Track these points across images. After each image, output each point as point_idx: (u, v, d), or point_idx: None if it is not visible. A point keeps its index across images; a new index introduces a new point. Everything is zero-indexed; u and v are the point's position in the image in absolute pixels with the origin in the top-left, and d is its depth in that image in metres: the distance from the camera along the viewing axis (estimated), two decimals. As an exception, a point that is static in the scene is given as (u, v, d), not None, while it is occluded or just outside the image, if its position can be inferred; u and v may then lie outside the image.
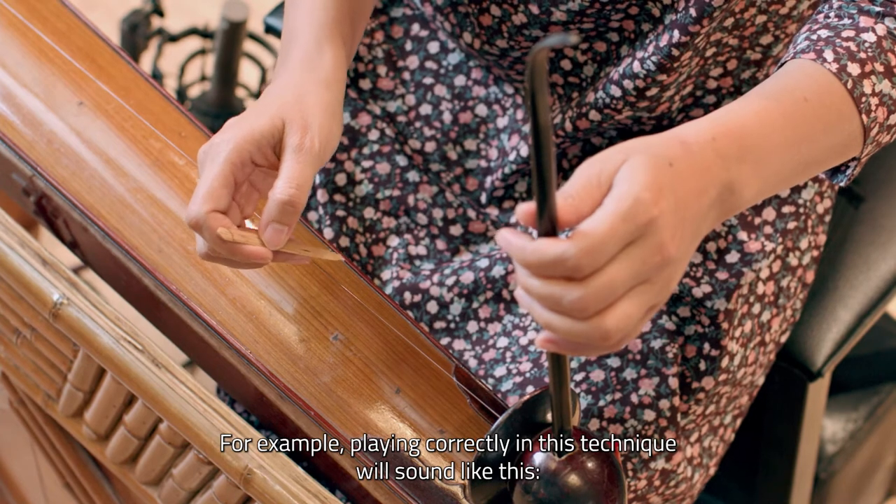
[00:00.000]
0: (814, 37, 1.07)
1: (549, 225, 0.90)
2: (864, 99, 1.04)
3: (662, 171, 0.93)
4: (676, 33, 1.18)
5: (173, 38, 2.00)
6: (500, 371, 1.27)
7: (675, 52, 1.19)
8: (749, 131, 0.99)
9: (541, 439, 1.03)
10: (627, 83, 1.22)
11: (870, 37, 1.06)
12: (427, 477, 1.10)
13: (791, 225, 1.32)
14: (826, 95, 1.03)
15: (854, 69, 1.04)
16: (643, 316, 0.95)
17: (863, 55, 1.05)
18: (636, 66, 1.21)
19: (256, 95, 2.03)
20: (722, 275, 1.29)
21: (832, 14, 1.09)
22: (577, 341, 0.93)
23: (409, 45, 1.35)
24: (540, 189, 0.89)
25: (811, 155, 1.03)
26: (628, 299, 0.92)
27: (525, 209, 0.91)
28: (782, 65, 1.07)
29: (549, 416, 1.05)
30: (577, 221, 0.92)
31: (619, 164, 0.93)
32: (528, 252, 0.91)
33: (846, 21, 1.07)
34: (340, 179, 1.33)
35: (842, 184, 1.10)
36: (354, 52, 1.20)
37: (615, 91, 1.23)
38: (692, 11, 1.16)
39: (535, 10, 1.21)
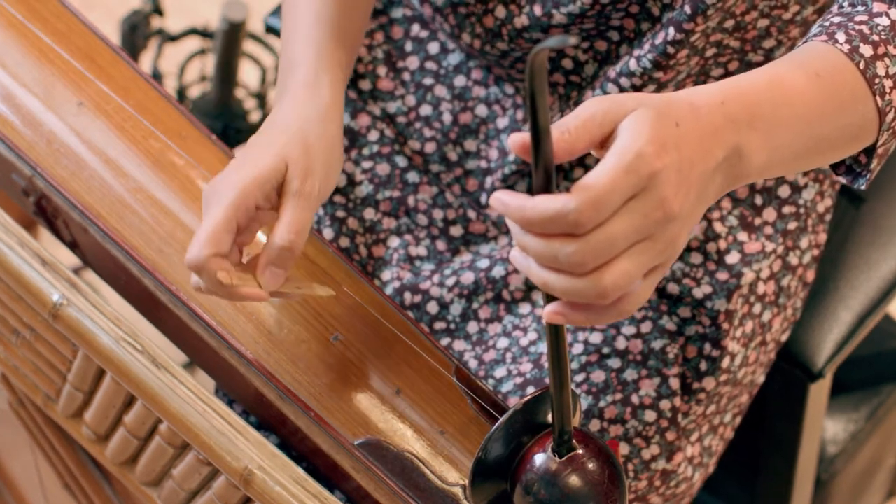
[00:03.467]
0: (826, 23, 1.06)
1: (543, 182, 0.89)
2: (877, 80, 1.03)
3: (668, 128, 0.92)
4: (672, 31, 1.18)
5: (173, 38, 2.00)
6: (500, 372, 1.27)
7: (671, 50, 1.19)
8: (760, 99, 0.98)
9: (542, 440, 1.03)
10: (624, 81, 1.22)
11: (883, 20, 1.05)
12: (427, 477, 1.10)
13: (792, 226, 1.32)
14: (839, 74, 1.02)
15: (867, 50, 1.03)
16: (646, 277, 0.93)
17: (875, 38, 1.04)
18: (633, 65, 1.21)
19: (256, 95, 2.03)
20: (722, 275, 1.29)
21: (846, 3, 1.08)
22: (574, 300, 0.92)
23: (409, 46, 1.35)
24: (540, 182, 0.89)
25: (823, 133, 1.01)
26: (627, 256, 0.91)
27: (518, 138, 0.90)
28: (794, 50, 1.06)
29: (549, 417, 1.05)
30: (569, 157, 0.91)
31: (628, 111, 0.92)
32: (527, 209, 0.90)
33: (860, 7, 1.07)
34: (340, 180, 1.33)
35: (862, 186, 1.09)
36: (353, 64, 1.20)
37: (612, 90, 1.23)
38: (686, 9, 1.16)
39: (538, 11, 1.21)
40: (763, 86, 0.99)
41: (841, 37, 1.03)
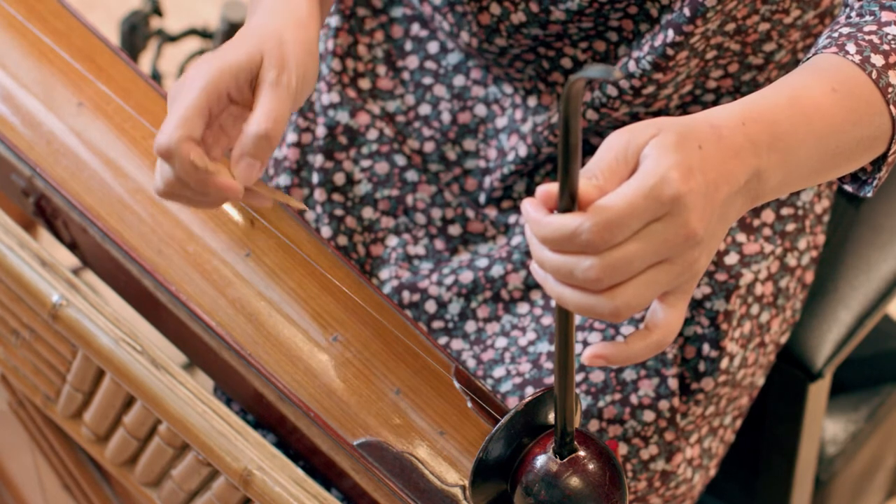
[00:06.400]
0: (835, 34, 1.05)
1: (568, 205, 0.89)
2: (890, 90, 1.02)
3: (692, 151, 0.92)
4: (671, 33, 1.18)
5: (173, 39, 2.00)
6: (498, 372, 1.27)
7: (670, 52, 1.19)
8: (779, 118, 0.98)
9: (543, 441, 1.03)
10: (623, 82, 1.22)
11: (892, 30, 1.04)
12: (427, 478, 1.10)
13: (790, 227, 1.32)
14: (854, 86, 1.01)
15: (878, 60, 1.03)
16: (667, 301, 0.93)
17: (886, 47, 1.03)
18: (632, 66, 1.21)
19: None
20: (721, 276, 1.29)
21: (853, 14, 1.08)
22: (588, 316, 0.92)
23: (408, 46, 1.35)
24: (564, 205, 0.89)
25: (839, 147, 1.01)
26: (644, 277, 0.91)
27: (543, 191, 0.90)
28: (804, 62, 1.06)
29: (550, 418, 1.05)
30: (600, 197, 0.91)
31: (648, 138, 0.92)
32: (542, 225, 0.90)
33: (868, 18, 1.06)
34: (339, 179, 1.33)
35: (868, 194, 1.09)
36: None
37: (612, 91, 1.23)
38: (686, 11, 1.16)
39: (534, 8, 1.21)
40: (783, 105, 0.98)
41: (851, 48, 1.03)
